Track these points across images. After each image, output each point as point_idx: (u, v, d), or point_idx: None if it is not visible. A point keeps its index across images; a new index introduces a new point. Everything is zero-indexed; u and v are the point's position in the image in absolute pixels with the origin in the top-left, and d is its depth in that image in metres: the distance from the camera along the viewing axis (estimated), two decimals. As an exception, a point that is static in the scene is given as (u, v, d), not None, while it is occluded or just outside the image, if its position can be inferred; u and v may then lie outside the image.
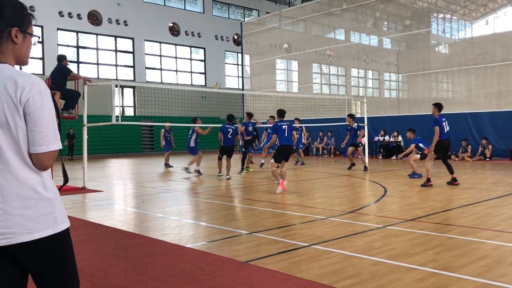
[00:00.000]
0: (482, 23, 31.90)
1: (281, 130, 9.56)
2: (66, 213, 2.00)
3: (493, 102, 21.12)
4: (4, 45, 1.93)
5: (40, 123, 1.82)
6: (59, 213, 1.92)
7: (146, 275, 3.98)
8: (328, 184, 10.74)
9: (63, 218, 1.95)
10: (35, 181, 1.86)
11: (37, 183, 1.87)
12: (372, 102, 25.89)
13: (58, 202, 1.94)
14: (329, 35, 30.22)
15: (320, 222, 6.21)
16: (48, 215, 1.88)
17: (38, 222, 1.84)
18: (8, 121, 1.80)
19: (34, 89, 1.83)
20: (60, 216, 1.93)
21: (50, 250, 1.91)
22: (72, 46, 26.05)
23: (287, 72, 32.13)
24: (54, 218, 1.89)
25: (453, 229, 5.59)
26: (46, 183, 1.90)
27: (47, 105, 1.85)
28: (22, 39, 1.96)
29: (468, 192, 8.82)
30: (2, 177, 1.81)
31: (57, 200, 1.94)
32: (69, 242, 2.01)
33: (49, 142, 1.83)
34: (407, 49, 31.28)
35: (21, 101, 1.80)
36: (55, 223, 1.90)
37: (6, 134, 1.81)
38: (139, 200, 8.84)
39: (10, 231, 1.80)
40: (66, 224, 1.96)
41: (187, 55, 31.31)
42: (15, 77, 1.83)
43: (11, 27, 1.91)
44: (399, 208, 7.20)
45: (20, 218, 1.82)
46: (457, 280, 3.68)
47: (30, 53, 2.06)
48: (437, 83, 28.37)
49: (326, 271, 3.95)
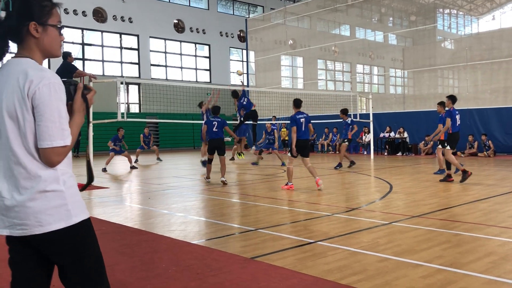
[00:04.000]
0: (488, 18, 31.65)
1: (299, 123, 9.09)
2: (83, 205, 1.96)
3: (499, 98, 20.98)
4: (26, 40, 1.91)
5: (46, 117, 1.79)
6: (72, 205, 1.89)
7: (152, 272, 3.99)
8: (333, 181, 10.72)
9: (78, 210, 1.91)
10: (45, 174, 1.84)
11: (47, 176, 1.84)
12: (377, 98, 25.80)
13: (72, 194, 1.91)
14: (334, 31, 30.13)
15: (326, 218, 6.21)
16: (60, 207, 1.85)
17: (49, 215, 1.83)
18: (17, 114, 1.81)
19: (42, 82, 1.80)
20: (74, 208, 1.90)
21: (67, 243, 1.90)
22: (77, 43, 26.11)
23: (292, 68, 32.06)
24: (67, 210, 1.87)
25: (460, 225, 5.57)
26: (59, 175, 1.87)
27: (55, 99, 1.81)
28: (43, 32, 1.92)
29: (474, 189, 8.78)
30: (15, 169, 1.83)
31: (71, 192, 1.91)
32: (89, 234, 1.98)
33: (53, 137, 1.79)
34: (413, 45, 31.12)
35: (29, 94, 1.79)
36: (68, 215, 1.87)
37: (15, 127, 1.82)
38: (145, 196, 8.86)
39: (24, 222, 1.82)
40: (82, 216, 1.93)
41: (192, 52, 31.31)
42: (28, 70, 1.83)
43: (28, 21, 1.88)
44: (405, 205, 7.17)
45: (31, 210, 1.82)
46: (463, 276, 3.66)
47: (60, 44, 2.00)
48: (443, 79, 28.21)
49: (331, 268, 3.95)
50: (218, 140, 10.69)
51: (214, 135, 10.67)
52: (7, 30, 1.89)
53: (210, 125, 10.75)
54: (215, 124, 10.67)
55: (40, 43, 1.93)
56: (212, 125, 10.71)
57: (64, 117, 1.83)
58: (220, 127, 10.72)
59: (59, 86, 1.83)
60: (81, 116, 1.99)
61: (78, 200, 1.94)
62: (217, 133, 10.67)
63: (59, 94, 1.83)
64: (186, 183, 11.03)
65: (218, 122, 10.69)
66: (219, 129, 10.69)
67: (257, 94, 25.07)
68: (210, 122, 10.78)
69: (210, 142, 10.79)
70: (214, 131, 10.65)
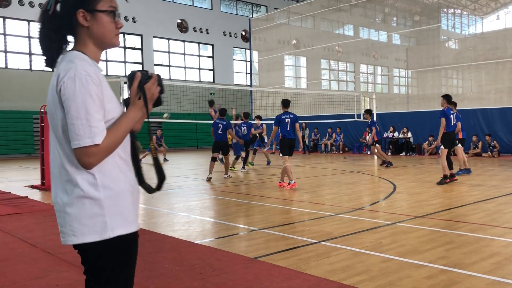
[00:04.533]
0: (493, 18, 31.53)
1: (283, 123, 9.40)
2: (127, 217, 1.72)
3: (504, 98, 20.89)
4: (78, 31, 1.74)
5: (71, 114, 1.59)
6: (111, 217, 1.66)
7: (155, 271, 4.00)
8: (336, 181, 10.71)
9: (117, 223, 1.67)
10: (82, 177, 1.65)
11: (84, 180, 1.64)
12: (381, 98, 25.72)
13: (113, 203, 1.67)
14: (337, 31, 30.07)
15: (329, 218, 6.20)
16: (95, 217, 1.64)
17: (83, 225, 1.64)
18: (52, 112, 1.68)
19: (68, 75, 1.61)
20: (113, 220, 1.66)
21: (98, 259, 1.70)
22: (81, 43, 26.19)
23: (296, 68, 32.03)
24: (104, 222, 1.65)
25: (463, 226, 5.55)
26: (97, 180, 1.65)
27: (80, 92, 1.59)
28: (92, 20, 1.72)
29: (478, 189, 8.75)
30: (60, 170, 1.69)
31: (113, 200, 1.67)
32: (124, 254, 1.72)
33: (80, 136, 1.57)
34: (417, 44, 31.03)
35: (57, 89, 1.64)
36: (103, 228, 1.65)
37: (54, 126, 1.70)
38: (148, 196, 8.88)
39: (62, 230, 1.69)
40: (120, 231, 1.68)
41: (195, 52, 31.33)
42: (62, 63, 1.68)
43: (76, 9, 1.70)
44: (408, 205, 7.16)
45: (68, 217, 1.66)
46: (467, 277, 3.65)
47: (115, 32, 1.78)
48: (447, 79, 28.12)
49: (335, 268, 3.94)
50: (221, 143, 11.49)
51: (218, 137, 11.41)
52: (60, 22, 1.72)
53: (216, 127, 11.47)
54: (220, 127, 11.39)
55: (91, 33, 1.73)
56: (218, 127, 11.41)
57: (92, 112, 1.59)
58: (224, 130, 11.41)
59: (86, 77, 1.61)
60: (135, 110, 1.73)
61: (120, 211, 1.69)
62: (222, 136, 11.41)
63: (86, 86, 1.60)
64: (189, 182, 11.04)
65: (223, 125, 11.42)
66: (224, 132, 11.41)
67: (260, 94, 25.08)
68: (216, 125, 11.50)
69: (215, 143, 11.51)
70: (219, 134, 11.39)
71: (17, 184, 10.93)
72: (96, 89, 1.62)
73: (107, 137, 1.63)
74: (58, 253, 4.59)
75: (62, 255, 4.53)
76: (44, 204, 7.91)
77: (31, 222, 6.29)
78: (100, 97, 1.63)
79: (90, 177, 1.64)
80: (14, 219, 6.52)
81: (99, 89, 1.64)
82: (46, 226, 5.95)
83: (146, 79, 1.74)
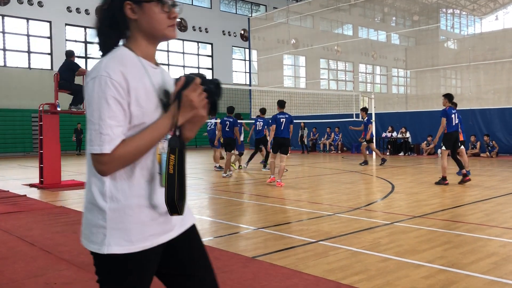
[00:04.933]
0: (491, 19, 31.56)
1: (278, 123, 9.79)
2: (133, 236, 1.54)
3: (502, 99, 20.91)
4: (129, 25, 1.61)
5: (88, 118, 1.48)
6: (111, 232, 1.52)
7: (154, 270, 3.99)
8: (335, 180, 10.72)
9: (115, 240, 1.52)
10: (95, 182, 1.55)
11: (95, 186, 1.55)
12: (380, 98, 25.73)
13: (117, 218, 1.52)
14: (337, 30, 30.09)
15: (328, 218, 6.20)
16: (98, 228, 1.54)
17: (90, 232, 1.56)
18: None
19: (90, 76, 1.50)
20: (112, 236, 1.52)
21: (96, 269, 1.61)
22: (80, 41, 26.14)
23: (295, 67, 32.04)
24: (103, 235, 1.53)
25: (461, 226, 5.56)
26: (107, 188, 1.53)
27: (97, 96, 1.46)
28: (140, 11, 1.58)
29: (476, 189, 8.77)
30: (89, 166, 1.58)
31: (116, 214, 1.53)
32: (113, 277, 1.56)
33: (92, 142, 1.46)
34: (416, 44, 31.07)
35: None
36: (102, 241, 1.53)
37: None
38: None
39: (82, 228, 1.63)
40: (116, 249, 1.52)
41: (195, 51, 31.31)
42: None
43: (122, 2, 1.58)
44: (406, 205, 7.17)
45: (83, 220, 1.60)
46: (465, 277, 3.66)
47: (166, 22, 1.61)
48: (445, 79, 28.16)
49: (333, 267, 3.95)
50: (227, 139, 12.00)
51: (226, 134, 11.99)
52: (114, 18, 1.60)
53: (224, 124, 12.00)
54: (227, 124, 11.93)
55: (140, 26, 1.60)
56: (225, 124, 11.96)
57: (105, 118, 1.44)
58: (231, 127, 11.95)
59: (106, 79, 1.46)
60: (165, 118, 1.54)
61: (124, 227, 1.53)
62: (228, 133, 11.95)
63: (104, 89, 1.46)
64: (188, 181, 11.02)
65: (230, 122, 11.93)
66: (230, 129, 11.95)
67: (259, 93, 25.07)
68: (224, 122, 12.01)
69: (224, 140, 12.17)
70: (227, 131, 11.96)
71: (16, 182, 10.92)
72: (115, 92, 1.46)
73: (124, 145, 1.47)
74: (56, 252, 4.59)
75: (60, 253, 4.53)
76: (42, 202, 7.90)
77: (30, 220, 6.28)
78: (120, 101, 1.47)
79: (100, 185, 1.54)
80: (13, 217, 6.52)
81: (121, 92, 1.48)
82: (45, 225, 5.94)
83: (189, 83, 1.54)
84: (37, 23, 24.01)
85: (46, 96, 17.88)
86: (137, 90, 1.52)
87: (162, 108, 1.58)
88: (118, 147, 1.46)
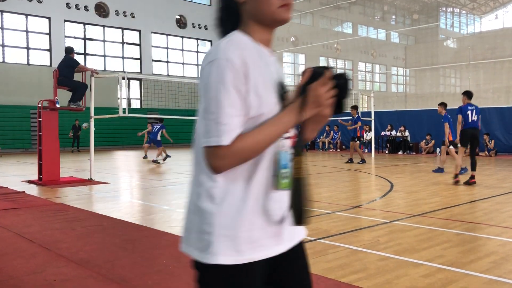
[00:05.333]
0: (491, 18, 31.56)
1: None
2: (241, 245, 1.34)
3: (501, 98, 20.96)
4: (242, 11, 1.46)
5: (203, 106, 1.33)
6: (219, 239, 1.33)
7: (153, 267, 4.00)
8: (334, 178, 10.72)
9: (221, 249, 1.33)
10: (203, 179, 1.37)
11: (204, 183, 1.37)
12: (379, 97, 25.76)
13: (227, 225, 1.33)
14: (336, 28, 30.08)
15: (326, 216, 6.20)
16: (203, 234, 1.35)
17: (193, 238, 1.39)
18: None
19: (206, 60, 1.35)
20: (219, 245, 1.33)
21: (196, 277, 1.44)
22: (79, 38, 26.08)
23: (294, 65, 32.03)
24: (209, 242, 1.34)
25: (461, 225, 5.57)
26: (217, 188, 1.35)
27: (215, 81, 1.29)
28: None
29: (475, 188, 8.77)
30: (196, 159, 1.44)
31: (227, 220, 1.34)
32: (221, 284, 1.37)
33: (208, 133, 1.29)
34: (415, 43, 31.08)
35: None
36: (206, 249, 1.34)
37: None
38: (146, 192, 8.87)
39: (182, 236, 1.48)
40: (222, 259, 1.33)
41: (194, 48, 31.27)
42: None
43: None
44: (405, 203, 7.17)
45: (184, 222, 1.45)
46: (464, 276, 3.66)
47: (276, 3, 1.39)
48: (445, 78, 28.19)
49: (332, 266, 3.95)
50: None
51: None
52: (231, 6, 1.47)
53: None
54: None
55: (248, 9, 1.43)
56: None
57: (223, 106, 1.28)
58: None
59: (224, 62, 1.29)
60: (289, 113, 1.35)
61: (233, 235, 1.34)
62: None
63: (222, 74, 1.29)
64: (187, 179, 11.04)
65: None
66: None
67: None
68: None
69: None
70: None
71: (14, 179, 10.91)
72: (234, 77, 1.29)
73: (243, 138, 1.29)
74: (55, 249, 4.58)
75: (59, 250, 4.52)
76: (41, 199, 7.89)
77: (28, 217, 6.27)
78: (239, 87, 1.30)
79: (211, 184, 1.35)
80: (11, 214, 6.51)
81: (241, 78, 1.30)
82: (43, 222, 5.94)
83: (316, 77, 1.35)
84: (36, 19, 23.95)
85: (45, 92, 17.85)
86: (256, 78, 1.34)
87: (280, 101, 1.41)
88: (237, 140, 1.29)
